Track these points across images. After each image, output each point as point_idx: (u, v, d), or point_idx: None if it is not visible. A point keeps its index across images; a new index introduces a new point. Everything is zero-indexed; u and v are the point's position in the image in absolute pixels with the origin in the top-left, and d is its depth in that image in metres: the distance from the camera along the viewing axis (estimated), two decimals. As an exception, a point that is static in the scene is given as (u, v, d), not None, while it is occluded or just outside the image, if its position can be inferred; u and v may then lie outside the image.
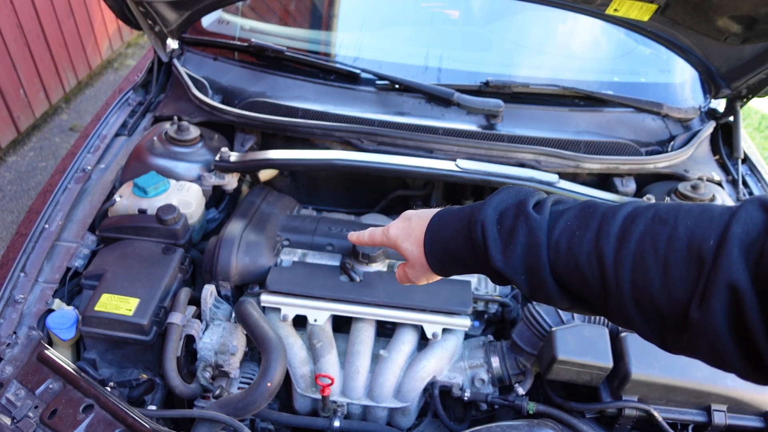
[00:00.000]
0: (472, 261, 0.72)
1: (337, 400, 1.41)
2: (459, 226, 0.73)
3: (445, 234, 0.75)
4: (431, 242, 0.77)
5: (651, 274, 0.55)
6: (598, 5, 1.64)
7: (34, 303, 1.40)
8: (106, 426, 1.16)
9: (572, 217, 0.63)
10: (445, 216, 0.77)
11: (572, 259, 0.61)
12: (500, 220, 0.68)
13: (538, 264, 0.64)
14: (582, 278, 0.61)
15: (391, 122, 1.85)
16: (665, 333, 0.58)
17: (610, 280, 0.58)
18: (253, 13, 2.34)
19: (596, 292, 0.61)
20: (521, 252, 0.65)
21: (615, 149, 1.85)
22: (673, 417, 1.31)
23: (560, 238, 0.63)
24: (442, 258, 0.77)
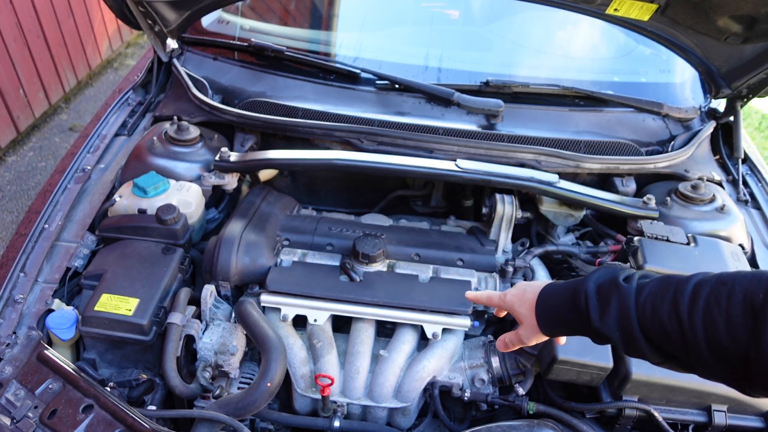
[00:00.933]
0: (577, 323, 0.88)
1: (337, 400, 1.41)
2: (566, 295, 0.90)
3: (554, 302, 0.92)
4: (542, 308, 0.93)
5: (718, 324, 0.70)
6: (598, 5, 1.64)
7: (34, 303, 1.40)
8: (105, 426, 1.15)
9: (654, 286, 0.79)
10: (554, 288, 0.94)
11: (657, 319, 0.77)
12: (598, 291, 0.85)
13: (629, 324, 0.79)
14: (665, 333, 0.76)
15: (391, 122, 1.85)
16: (737, 375, 0.71)
17: (687, 332, 0.73)
18: (253, 12, 2.34)
19: (678, 344, 0.75)
20: (615, 315, 0.81)
21: (615, 149, 1.85)
22: (673, 417, 1.31)
23: (645, 302, 0.79)
24: (551, 321, 0.93)
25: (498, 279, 1.59)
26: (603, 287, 0.84)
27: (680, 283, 0.76)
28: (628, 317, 0.79)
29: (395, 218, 1.85)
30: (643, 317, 0.78)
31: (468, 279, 1.55)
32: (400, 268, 1.56)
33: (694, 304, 0.73)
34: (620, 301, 0.81)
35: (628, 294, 0.80)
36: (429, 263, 1.59)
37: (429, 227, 1.80)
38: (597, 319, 0.83)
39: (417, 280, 1.52)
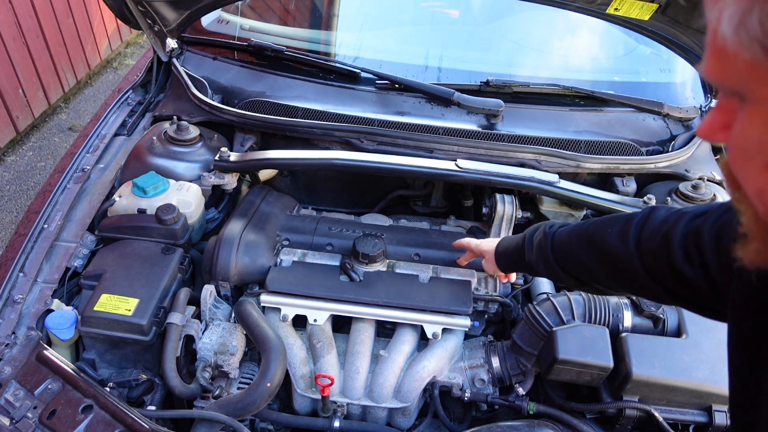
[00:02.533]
0: (519, 261, 1.30)
1: (337, 401, 1.41)
2: (514, 244, 1.33)
3: (506, 247, 1.36)
4: (499, 250, 1.39)
5: (588, 259, 1.10)
6: (598, 5, 1.63)
7: (33, 303, 1.40)
8: (105, 426, 1.15)
9: (567, 233, 1.17)
10: (507, 239, 1.38)
11: (564, 254, 1.16)
12: (532, 240, 1.25)
13: (548, 258, 1.19)
14: (572, 263, 1.15)
15: (391, 122, 1.84)
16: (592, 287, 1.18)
17: (582, 262, 1.11)
18: (252, 12, 2.34)
19: (579, 271, 1.14)
20: (539, 253, 1.21)
21: (615, 149, 1.85)
22: (673, 417, 1.30)
23: (560, 245, 1.17)
24: (504, 259, 1.37)
25: (498, 279, 1.59)
26: (535, 238, 1.23)
27: (577, 230, 1.12)
28: (547, 255, 1.18)
29: (395, 218, 1.85)
30: (557, 254, 1.16)
31: (468, 279, 1.55)
32: (400, 268, 1.56)
33: (581, 245, 1.09)
34: (542, 244, 1.19)
35: (547, 239, 1.19)
36: (429, 263, 1.59)
37: (429, 227, 1.79)
38: (530, 256, 1.23)
39: (417, 280, 1.52)
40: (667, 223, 0.91)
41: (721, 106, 0.51)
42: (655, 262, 0.91)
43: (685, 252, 0.84)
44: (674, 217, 0.91)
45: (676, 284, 0.88)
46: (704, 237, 0.82)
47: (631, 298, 1.44)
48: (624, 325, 1.40)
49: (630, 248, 0.96)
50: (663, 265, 0.89)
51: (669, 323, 1.39)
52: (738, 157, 0.49)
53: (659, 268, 0.91)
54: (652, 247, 0.91)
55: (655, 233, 0.92)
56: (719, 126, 0.51)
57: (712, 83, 0.48)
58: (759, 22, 0.40)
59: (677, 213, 0.92)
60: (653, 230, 0.92)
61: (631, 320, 1.40)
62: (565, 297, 1.42)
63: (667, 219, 0.92)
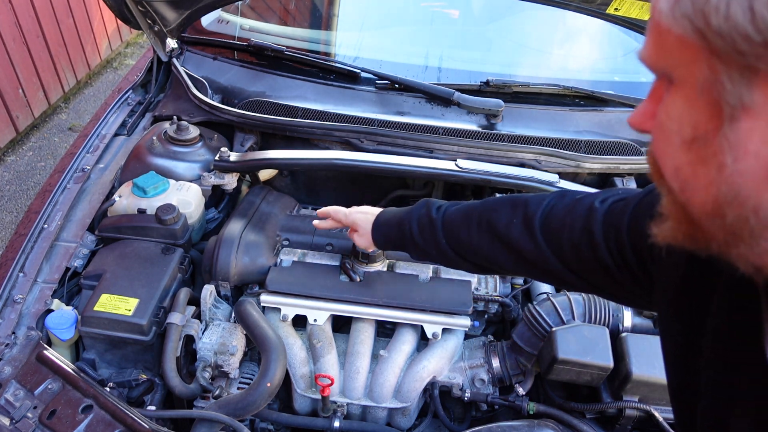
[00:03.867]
0: (402, 243, 1.22)
1: (337, 401, 1.41)
2: (395, 224, 1.23)
3: (387, 227, 1.26)
4: (377, 229, 1.28)
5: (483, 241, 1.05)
6: (598, 5, 1.64)
7: (33, 303, 1.40)
8: (105, 426, 1.15)
9: (455, 216, 1.11)
10: (387, 215, 1.28)
11: (456, 238, 1.10)
12: (419, 222, 1.17)
13: (438, 242, 1.12)
14: (464, 247, 1.09)
15: (391, 122, 1.84)
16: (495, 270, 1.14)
17: (473, 245, 1.07)
18: (252, 12, 2.34)
19: (471, 254, 1.09)
20: (429, 238, 1.14)
21: (615, 149, 1.85)
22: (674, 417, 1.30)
23: (451, 228, 1.11)
24: (383, 239, 1.27)
25: (498, 279, 1.59)
26: (422, 219, 1.16)
27: (470, 214, 1.08)
28: (437, 238, 1.12)
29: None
30: (449, 240, 1.11)
31: (468, 279, 1.55)
32: (400, 268, 1.56)
33: (480, 232, 1.04)
34: (432, 228, 1.13)
35: (437, 223, 1.13)
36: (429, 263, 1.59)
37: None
38: (420, 241, 1.16)
39: (417, 280, 1.52)
40: (579, 215, 0.88)
41: (652, 95, 0.53)
42: (575, 256, 0.89)
43: (608, 248, 0.84)
44: (585, 207, 0.88)
45: (604, 281, 0.87)
46: (622, 233, 0.82)
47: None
48: (624, 325, 1.40)
49: (540, 245, 0.93)
50: (586, 258, 0.87)
51: (669, 323, 1.39)
52: (659, 137, 0.51)
53: (581, 262, 0.88)
54: (572, 241, 0.88)
55: (568, 227, 0.89)
56: (649, 115, 0.53)
57: (648, 66, 0.50)
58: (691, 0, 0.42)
59: (586, 203, 0.89)
60: (562, 223, 0.90)
61: (631, 320, 1.40)
62: (565, 297, 1.42)
63: (575, 209, 0.90)
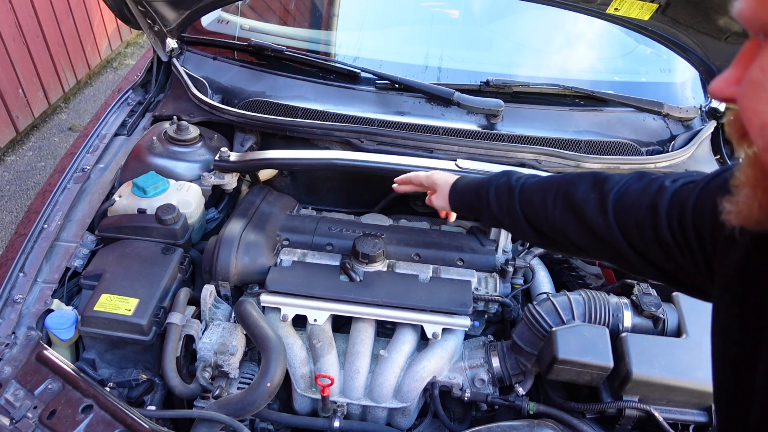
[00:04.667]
0: (478, 209, 1.22)
1: (337, 401, 1.41)
2: (474, 188, 1.24)
3: (465, 189, 1.27)
4: (455, 191, 1.30)
5: (566, 215, 1.03)
6: (598, 5, 1.63)
7: (33, 303, 1.40)
8: (105, 426, 1.15)
9: (534, 186, 1.11)
10: (466, 180, 1.29)
11: (533, 208, 1.09)
12: (497, 190, 1.17)
13: (515, 212, 1.12)
14: (539, 218, 1.08)
15: (391, 122, 1.84)
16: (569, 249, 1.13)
17: (549, 219, 1.06)
18: (252, 12, 2.34)
19: (546, 226, 1.08)
20: (505, 206, 1.15)
21: (615, 149, 1.85)
22: (674, 417, 1.30)
23: (529, 199, 1.11)
24: (459, 201, 1.29)
25: (498, 279, 1.59)
26: (500, 187, 1.17)
27: (550, 185, 1.08)
28: (513, 208, 1.12)
29: (395, 218, 1.85)
30: (524, 208, 1.11)
31: (468, 279, 1.55)
32: (400, 268, 1.56)
33: (555, 203, 1.05)
34: (510, 196, 1.14)
35: (514, 191, 1.13)
36: (429, 263, 1.59)
37: (429, 227, 1.79)
38: (495, 207, 1.17)
39: (417, 280, 1.52)
40: (649, 193, 0.89)
41: (741, 59, 0.53)
42: (639, 235, 0.90)
43: (670, 225, 0.84)
44: (656, 186, 0.90)
45: (663, 259, 0.87)
46: (687, 209, 0.82)
47: (631, 298, 1.44)
48: (624, 325, 1.40)
49: (610, 221, 0.94)
50: (648, 238, 0.88)
51: (669, 323, 1.39)
52: (750, 91, 0.50)
53: (643, 242, 0.89)
54: (637, 219, 0.90)
55: (637, 204, 0.90)
56: (733, 80, 0.53)
57: (745, 22, 0.50)
58: None
59: (658, 182, 0.90)
60: (634, 200, 0.91)
61: (631, 320, 1.40)
62: (565, 297, 1.42)
63: (647, 189, 0.91)
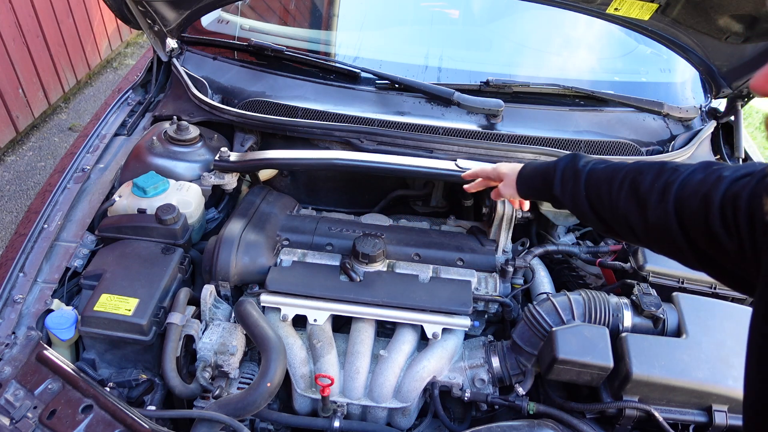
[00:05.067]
0: (543, 191, 1.26)
1: (337, 401, 1.41)
2: (541, 171, 1.27)
3: (532, 173, 1.31)
4: (522, 175, 1.34)
5: (631, 203, 1.04)
6: (598, 4, 1.63)
7: (33, 303, 1.40)
8: (105, 426, 1.15)
9: (601, 173, 1.12)
10: (533, 165, 1.33)
11: (597, 195, 1.11)
12: (563, 172, 1.20)
13: (579, 196, 1.15)
14: (603, 205, 1.10)
15: (391, 122, 1.84)
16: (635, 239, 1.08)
17: (614, 206, 1.07)
18: (252, 12, 2.34)
19: (609, 213, 1.09)
20: (570, 189, 1.17)
21: (615, 149, 1.85)
22: (673, 417, 1.30)
23: (594, 184, 1.12)
24: (527, 185, 1.33)
25: (498, 279, 1.59)
26: (566, 171, 1.19)
27: (617, 172, 1.09)
28: (579, 193, 1.14)
29: (395, 218, 1.85)
30: (589, 193, 1.13)
31: (468, 279, 1.55)
32: (400, 268, 1.56)
33: (620, 190, 1.06)
34: (575, 180, 1.16)
35: (581, 176, 1.15)
36: (429, 263, 1.59)
37: (429, 227, 1.79)
38: (559, 191, 1.20)
39: (417, 280, 1.52)
40: (707, 183, 0.92)
41: None
42: (692, 222, 0.93)
43: (722, 216, 0.86)
44: (714, 177, 0.92)
45: (710, 247, 0.90)
46: (741, 202, 0.84)
47: (631, 298, 1.44)
48: (624, 325, 1.40)
49: (669, 207, 0.97)
50: (700, 226, 0.90)
51: (669, 323, 1.39)
52: None
53: (696, 230, 0.92)
54: (692, 208, 0.92)
55: (695, 194, 0.93)
56: None
57: None
58: None
59: (717, 173, 0.93)
60: (693, 190, 0.94)
61: (631, 320, 1.40)
62: (565, 297, 1.42)
63: (706, 179, 0.93)
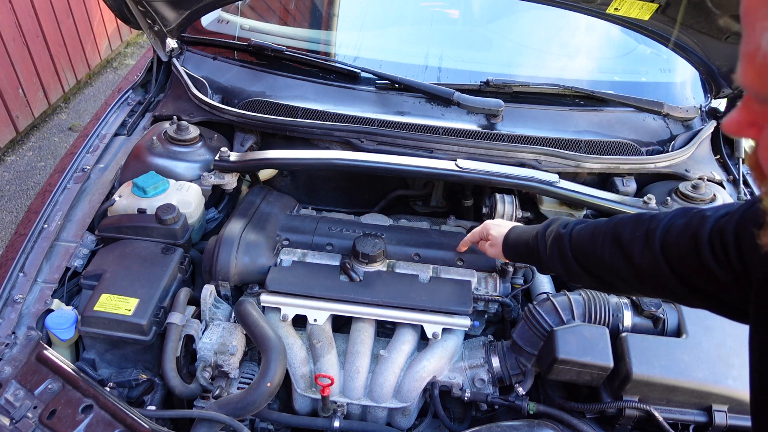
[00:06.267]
0: (530, 258, 1.32)
1: (337, 400, 1.41)
2: (525, 239, 1.32)
3: (517, 240, 1.35)
4: (507, 242, 1.38)
5: (618, 256, 1.08)
6: (598, 4, 1.63)
7: (33, 303, 1.40)
8: (105, 426, 1.15)
9: (587, 233, 1.17)
10: (518, 230, 1.38)
11: (587, 254, 1.16)
12: (546, 239, 1.25)
13: (567, 258, 1.19)
14: (594, 262, 1.14)
15: (391, 122, 1.84)
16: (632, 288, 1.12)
17: (606, 262, 1.10)
18: (252, 12, 2.34)
19: (601, 269, 1.13)
20: (557, 254, 1.22)
21: (615, 149, 1.85)
22: (673, 417, 1.30)
23: (580, 245, 1.17)
24: (513, 252, 1.37)
25: (498, 279, 1.59)
26: (549, 235, 1.24)
27: (597, 229, 1.14)
28: (565, 253, 1.19)
29: (395, 218, 1.85)
30: (576, 254, 1.17)
31: (468, 279, 1.55)
32: (400, 268, 1.56)
33: (603, 245, 1.10)
34: (560, 242, 1.21)
35: (564, 240, 1.20)
36: (429, 263, 1.59)
37: (429, 227, 1.79)
38: (547, 257, 1.24)
39: (417, 280, 1.52)
40: (691, 225, 0.95)
41: (748, 107, 0.55)
42: (683, 263, 0.95)
43: (712, 250, 0.89)
44: (697, 218, 0.96)
45: (707, 283, 0.92)
46: (728, 236, 0.87)
47: (631, 298, 1.44)
48: (624, 325, 1.40)
49: (656, 253, 1.00)
50: (692, 265, 0.93)
51: (669, 323, 1.39)
52: (765, 144, 0.53)
53: (688, 269, 0.94)
54: (680, 250, 0.96)
55: (682, 236, 0.96)
56: (746, 123, 0.55)
57: (749, 90, 0.53)
58: None
59: (699, 215, 0.97)
60: (678, 234, 0.97)
61: (631, 320, 1.40)
62: (565, 297, 1.42)
63: (690, 222, 0.97)
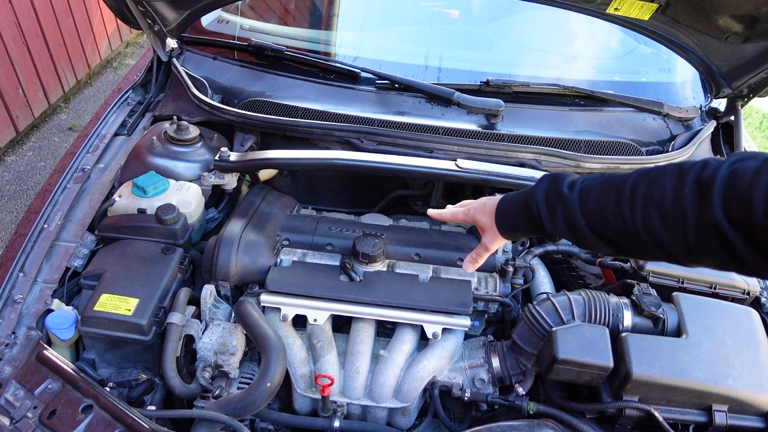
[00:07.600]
0: (532, 228, 1.07)
1: (337, 400, 1.41)
2: (521, 206, 1.08)
3: (511, 212, 1.11)
4: (501, 217, 1.13)
5: (654, 217, 0.87)
6: (598, 4, 1.63)
7: (33, 303, 1.40)
8: (105, 426, 1.15)
9: (598, 191, 0.95)
10: (509, 200, 1.13)
11: (603, 219, 0.93)
12: (546, 200, 1.02)
13: (577, 226, 0.97)
14: (612, 230, 0.93)
15: (391, 122, 1.84)
16: (674, 255, 0.88)
17: (630, 227, 0.89)
18: (252, 12, 2.34)
19: (623, 237, 0.92)
20: (562, 220, 1.00)
21: (615, 149, 1.85)
22: (673, 417, 1.30)
23: (593, 208, 0.95)
24: (510, 227, 1.13)
25: (498, 279, 1.59)
26: (549, 197, 1.02)
27: (620, 186, 0.92)
28: (575, 221, 0.97)
29: (395, 218, 1.85)
30: (591, 220, 0.96)
31: (468, 279, 1.55)
32: (400, 268, 1.56)
33: (633, 204, 0.89)
34: (565, 209, 0.98)
35: (573, 202, 0.97)
36: (429, 263, 1.59)
37: (429, 227, 1.79)
38: (549, 225, 1.02)
39: (417, 280, 1.52)
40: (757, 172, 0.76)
41: None
42: (751, 220, 0.76)
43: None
44: None
45: None
46: None
47: (631, 298, 1.44)
48: (624, 325, 1.40)
49: (715, 212, 0.79)
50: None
51: (669, 323, 1.39)
52: None
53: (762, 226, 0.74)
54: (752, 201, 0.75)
55: (756, 184, 0.76)
56: None
57: None
58: None
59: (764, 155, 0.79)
60: (752, 182, 0.76)
61: (631, 320, 1.40)
62: (565, 297, 1.42)
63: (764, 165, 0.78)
